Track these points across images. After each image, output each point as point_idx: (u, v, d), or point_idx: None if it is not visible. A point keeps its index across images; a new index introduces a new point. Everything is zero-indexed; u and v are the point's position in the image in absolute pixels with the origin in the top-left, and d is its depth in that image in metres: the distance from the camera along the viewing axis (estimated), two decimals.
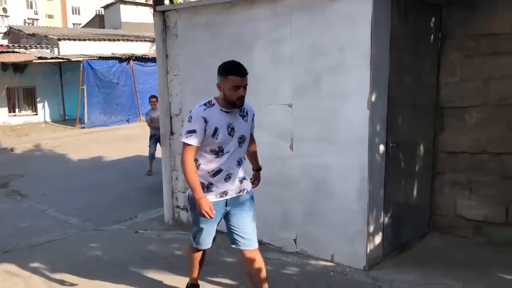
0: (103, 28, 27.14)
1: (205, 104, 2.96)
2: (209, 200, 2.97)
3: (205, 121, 2.88)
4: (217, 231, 3.34)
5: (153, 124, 8.70)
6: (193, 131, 2.88)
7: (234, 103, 2.93)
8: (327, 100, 4.00)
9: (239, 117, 3.05)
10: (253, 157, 3.46)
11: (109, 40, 20.41)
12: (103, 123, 17.41)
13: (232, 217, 3.17)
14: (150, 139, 9.00)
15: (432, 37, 4.45)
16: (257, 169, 3.49)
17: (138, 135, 9.05)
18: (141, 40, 21.37)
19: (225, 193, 3.09)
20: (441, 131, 4.67)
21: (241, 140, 3.07)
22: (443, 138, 4.66)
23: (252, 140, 3.36)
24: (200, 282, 3.90)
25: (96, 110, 17.67)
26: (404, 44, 4.08)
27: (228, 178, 3.06)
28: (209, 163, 3.01)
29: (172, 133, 5.46)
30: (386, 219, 4.14)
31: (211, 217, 2.94)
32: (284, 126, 4.34)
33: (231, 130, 2.98)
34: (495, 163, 4.36)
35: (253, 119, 3.22)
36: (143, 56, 18.65)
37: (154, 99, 8.90)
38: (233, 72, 2.89)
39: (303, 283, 3.80)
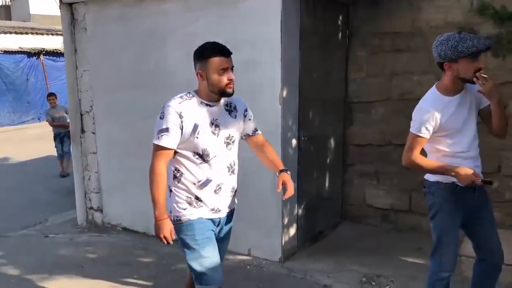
0: (10, 20, 25.32)
1: (181, 97, 2.38)
2: (171, 223, 2.39)
3: (180, 116, 2.30)
4: (136, 232, 3.17)
5: (55, 123, 8.32)
6: (165, 130, 2.30)
7: (224, 90, 2.35)
8: (240, 95, 4.00)
9: (225, 112, 2.47)
10: (271, 161, 2.67)
11: (16, 33, 19.04)
12: (12, 122, 16.29)
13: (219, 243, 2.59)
14: (54, 140, 8.54)
15: (340, 34, 4.64)
16: (282, 170, 2.59)
17: (51, 134, 8.58)
18: (52, 34, 20.17)
19: (217, 209, 2.50)
20: (350, 124, 4.90)
21: (229, 140, 2.47)
22: (352, 131, 4.89)
23: (263, 141, 2.72)
24: (115, 284, 3.79)
25: (4, 108, 16.47)
26: (313, 41, 4.21)
27: (218, 190, 2.46)
28: (193, 172, 2.40)
29: (83, 131, 5.22)
30: (300, 211, 4.27)
31: (169, 243, 2.36)
32: None
33: (215, 128, 2.40)
34: (398, 154, 4.60)
35: (247, 116, 2.62)
36: (55, 51, 17.65)
37: (52, 97, 8.49)
38: (215, 52, 2.32)
39: None
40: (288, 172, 2.56)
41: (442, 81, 2.58)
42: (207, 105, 2.40)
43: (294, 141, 4.07)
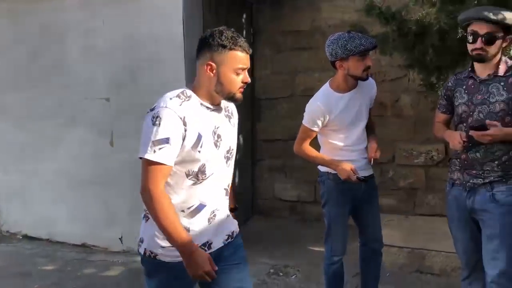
0: None
1: (178, 96, 1.75)
2: (204, 252, 1.78)
3: (184, 123, 1.71)
4: (38, 239, 2.93)
5: None
6: (165, 141, 1.68)
7: (233, 94, 1.82)
8: (145, 93, 3.95)
9: (225, 118, 1.93)
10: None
11: None
12: None
13: (222, 277, 1.87)
14: None
15: (244, 32, 4.72)
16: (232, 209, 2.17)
17: None
18: None
19: (208, 244, 1.85)
20: (258, 121, 5.00)
21: (229, 154, 1.91)
22: (261, 127, 5.00)
23: None
24: None
25: None
26: None
27: (213, 218, 1.86)
28: (181, 195, 1.80)
29: None
30: None
31: (212, 278, 1.76)
32: (102, 122, 4.16)
33: (217, 138, 1.84)
34: None
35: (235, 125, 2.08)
36: None
37: None
38: (239, 45, 1.76)
39: (124, 281, 3.72)
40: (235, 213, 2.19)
41: (335, 78, 2.72)
42: (207, 108, 1.82)
43: None
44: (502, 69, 2.30)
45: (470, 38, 2.28)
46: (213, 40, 1.76)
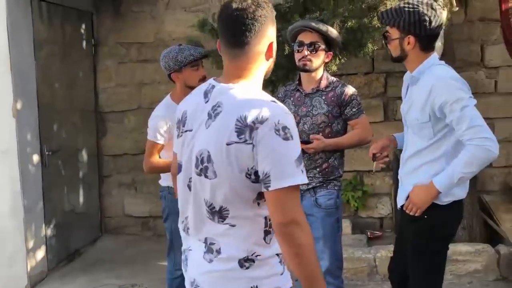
0: None
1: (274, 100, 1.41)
2: None
3: None
4: None
5: None
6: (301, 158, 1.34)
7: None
8: None
9: None
10: None
11: None
12: None
13: None
14: None
15: (84, 43, 4.50)
16: None
17: None
18: None
19: None
20: (103, 135, 4.79)
21: None
22: (107, 141, 4.79)
23: None
24: None
25: None
26: (52, 50, 3.99)
27: None
28: None
29: None
30: (50, 232, 3.98)
31: None
32: None
33: None
34: None
35: None
36: None
37: None
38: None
39: None
40: None
41: (175, 91, 2.76)
42: None
43: (36, 157, 3.76)
44: (323, 84, 2.51)
45: (296, 48, 2.47)
46: (273, 13, 1.50)
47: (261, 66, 1.43)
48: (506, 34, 2.98)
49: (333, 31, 2.50)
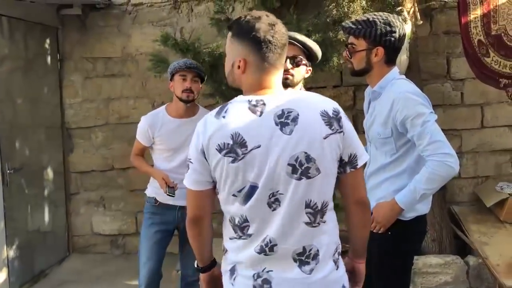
0: None
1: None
2: None
3: None
4: None
5: None
6: None
7: None
8: None
9: None
10: None
11: None
12: None
13: None
14: None
15: (49, 58, 4.39)
16: None
17: None
18: None
19: None
20: (70, 152, 4.67)
21: None
22: (74, 158, 4.67)
23: None
24: None
25: None
26: (14, 65, 3.88)
27: None
28: None
29: None
30: (12, 253, 3.83)
31: None
32: None
33: None
34: (123, 178, 4.66)
35: None
36: None
37: None
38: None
39: None
40: None
41: (171, 102, 2.84)
42: None
43: None
44: None
45: None
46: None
47: None
48: (466, 47, 3.02)
49: (315, 45, 2.33)
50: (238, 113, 1.43)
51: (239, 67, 1.46)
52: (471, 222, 3.93)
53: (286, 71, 2.22)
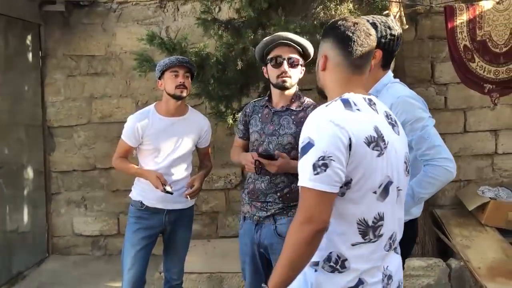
0: None
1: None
2: None
3: None
4: None
5: None
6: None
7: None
8: None
9: None
10: None
11: None
12: None
13: None
14: None
15: (31, 55, 4.30)
16: None
17: None
18: None
19: None
20: (52, 151, 4.58)
21: None
22: (55, 157, 4.58)
23: None
24: None
25: None
26: None
27: None
28: None
29: None
30: None
31: None
32: None
33: None
34: (105, 178, 4.59)
35: None
36: None
37: None
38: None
39: None
40: None
41: (160, 101, 2.73)
42: None
43: None
44: (295, 103, 2.30)
45: (274, 63, 2.24)
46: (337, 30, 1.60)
47: None
48: (453, 52, 3.05)
49: (307, 43, 2.29)
50: (367, 107, 1.45)
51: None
52: (453, 225, 3.97)
53: (284, 72, 2.22)
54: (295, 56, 2.22)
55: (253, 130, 2.37)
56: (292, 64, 2.22)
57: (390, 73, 2.07)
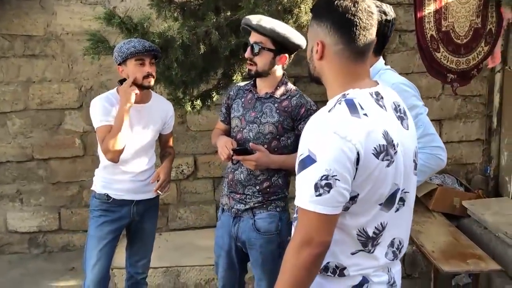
0: None
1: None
2: None
3: None
4: None
5: None
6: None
7: None
8: None
9: None
10: None
11: None
12: None
13: None
14: None
15: None
16: None
17: None
18: None
19: None
20: None
21: None
22: None
23: None
24: None
25: None
26: None
27: None
28: None
29: None
30: None
31: None
32: None
33: None
34: (44, 169, 4.23)
35: None
36: None
37: None
38: None
39: None
40: None
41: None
42: None
43: None
44: (279, 91, 2.17)
45: (245, 50, 2.13)
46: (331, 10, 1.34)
47: None
48: (420, 41, 3.12)
49: (280, 30, 2.06)
50: (374, 108, 1.26)
51: None
52: None
53: (247, 59, 2.11)
54: (260, 42, 2.06)
55: (234, 115, 2.26)
56: (255, 51, 2.07)
57: (381, 60, 2.05)
